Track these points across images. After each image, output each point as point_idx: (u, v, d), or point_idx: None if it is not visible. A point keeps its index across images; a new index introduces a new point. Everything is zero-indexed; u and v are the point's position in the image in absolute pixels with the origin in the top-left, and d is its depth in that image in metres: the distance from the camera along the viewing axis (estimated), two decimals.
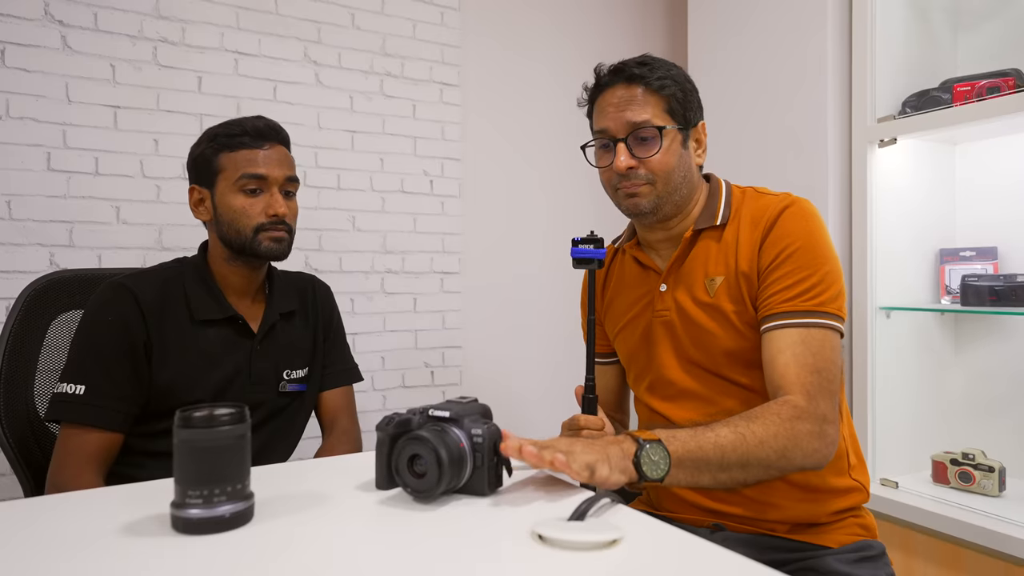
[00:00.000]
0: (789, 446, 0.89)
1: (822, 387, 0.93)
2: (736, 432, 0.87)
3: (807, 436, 0.90)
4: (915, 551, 1.68)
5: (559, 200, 2.48)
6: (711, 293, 1.04)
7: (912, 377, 1.85)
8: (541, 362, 2.46)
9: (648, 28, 2.71)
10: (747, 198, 1.08)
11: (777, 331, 0.97)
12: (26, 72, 1.67)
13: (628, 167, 1.03)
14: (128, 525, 0.68)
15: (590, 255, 1.03)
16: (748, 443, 0.87)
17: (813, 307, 0.96)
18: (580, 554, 0.62)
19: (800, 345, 0.95)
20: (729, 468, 0.87)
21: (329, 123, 2.07)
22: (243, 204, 1.17)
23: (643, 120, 1.02)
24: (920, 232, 1.88)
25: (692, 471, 0.85)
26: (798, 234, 1.00)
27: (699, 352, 1.05)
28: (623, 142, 1.03)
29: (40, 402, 1.23)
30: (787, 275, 0.98)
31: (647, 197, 1.04)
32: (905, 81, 1.85)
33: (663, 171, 1.03)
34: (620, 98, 1.04)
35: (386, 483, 0.78)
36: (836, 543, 1.01)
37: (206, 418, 0.66)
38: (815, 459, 0.91)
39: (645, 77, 1.03)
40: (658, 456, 0.82)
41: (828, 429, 0.92)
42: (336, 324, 1.39)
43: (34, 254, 1.69)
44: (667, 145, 1.03)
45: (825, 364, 0.94)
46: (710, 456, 0.85)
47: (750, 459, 0.87)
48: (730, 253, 1.04)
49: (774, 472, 0.90)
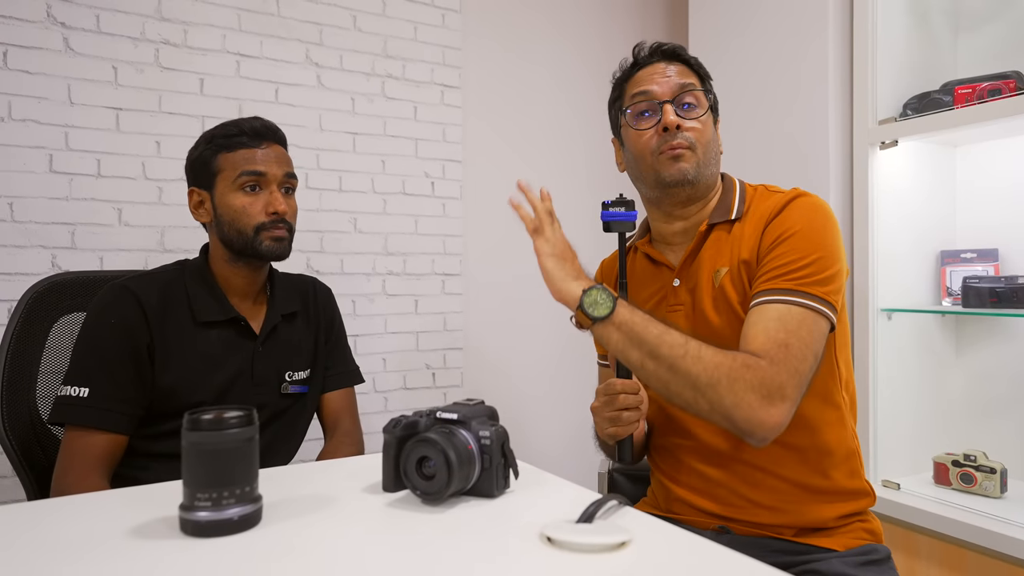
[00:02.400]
0: (724, 383, 0.85)
1: (787, 360, 0.88)
2: (684, 338, 0.89)
3: (748, 387, 0.85)
4: (917, 553, 1.68)
5: (559, 201, 2.46)
6: (716, 284, 1.04)
7: (913, 379, 1.86)
8: (542, 363, 2.46)
9: (648, 31, 2.71)
10: (758, 195, 1.09)
11: (757, 307, 0.95)
12: (28, 74, 1.67)
13: (677, 123, 1.04)
14: (137, 528, 0.68)
15: (622, 218, 1.02)
16: (688, 352, 0.87)
17: (797, 286, 0.94)
18: (589, 556, 0.62)
19: (775, 321, 0.91)
20: (658, 359, 0.88)
21: (331, 125, 2.07)
22: (243, 203, 1.17)
23: (690, 83, 1.06)
24: (921, 234, 1.88)
25: (625, 339, 0.90)
26: (797, 220, 0.99)
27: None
28: (669, 103, 1.05)
29: (42, 404, 1.23)
30: (780, 256, 0.97)
31: (690, 161, 1.04)
32: (906, 83, 1.86)
33: (703, 138, 1.06)
34: (663, 69, 1.08)
35: (393, 485, 0.78)
36: (842, 546, 1.00)
37: (214, 421, 0.66)
38: (744, 413, 0.85)
39: (687, 59, 1.09)
40: (604, 300, 0.89)
41: (778, 401, 0.85)
42: (338, 326, 1.40)
43: (36, 256, 1.68)
44: (707, 117, 1.07)
45: (797, 342, 0.89)
46: (648, 337, 0.89)
47: (679, 366, 0.87)
48: (736, 244, 1.04)
49: (701, 400, 0.87)
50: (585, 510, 0.69)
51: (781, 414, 0.86)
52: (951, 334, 1.91)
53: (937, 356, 1.89)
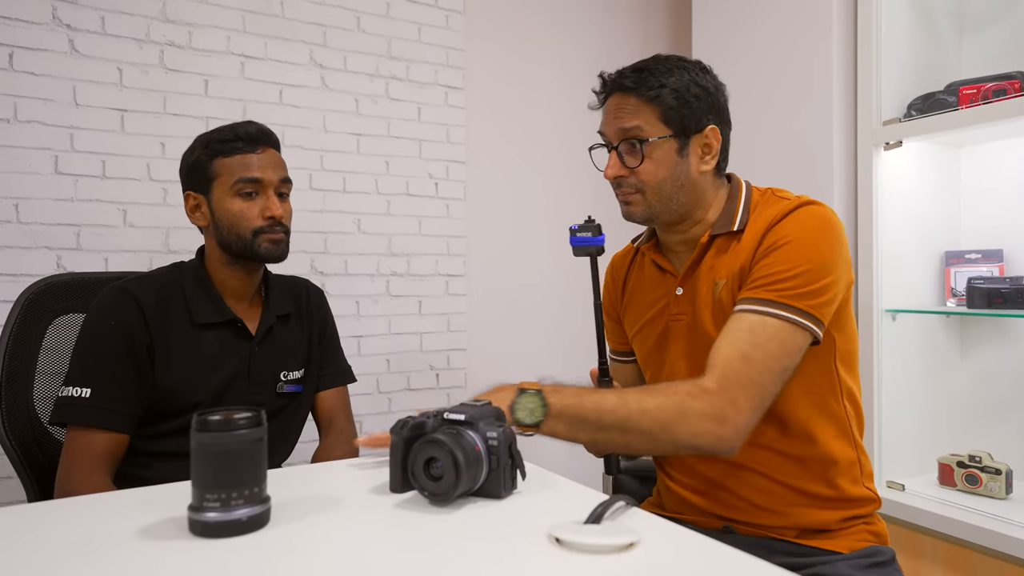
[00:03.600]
0: (674, 420, 0.87)
1: (744, 375, 0.88)
2: (620, 397, 0.90)
3: (698, 416, 0.87)
4: (921, 554, 1.68)
5: (563, 202, 2.48)
6: (716, 295, 1.03)
7: (918, 379, 1.85)
8: (546, 364, 2.45)
9: (651, 32, 2.71)
10: (764, 201, 1.06)
11: (736, 315, 0.94)
12: (34, 76, 1.68)
13: (616, 176, 1.03)
14: (145, 528, 0.68)
15: (590, 243, 1.02)
16: (629, 409, 0.88)
17: (779, 298, 0.92)
18: (597, 557, 0.62)
19: (745, 332, 0.91)
20: (607, 430, 0.89)
21: (335, 126, 2.07)
22: (240, 208, 1.18)
23: (631, 127, 1.01)
24: (925, 235, 1.88)
25: (570, 426, 0.89)
26: (794, 230, 0.97)
27: (706, 357, 1.03)
28: (615, 150, 1.03)
29: (40, 405, 1.23)
30: (769, 265, 0.96)
31: (638, 206, 1.04)
32: (910, 84, 1.85)
33: (651, 181, 1.02)
34: (616, 106, 1.04)
35: (401, 486, 0.78)
36: (846, 548, 1.00)
37: (223, 422, 0.66)
38: (707, 440, 0.87)
39: (637, 87, 1.01)
40: (534, 404, 0.88)
41: (732, 415, 0.87)
42: (330, 327, 1.41)
43: (41, 257, 1.69)
44: (656, 155, 1.02)
45: (760, 355, 0.89)
46: (588, 415, 0.89)
47: (629, 425, 0.88)
48: (735, 255, 1.03)
49: (664, 444, 0.90)
50: (593, 511, 0.69)
51: (738, 427, 0.88)
52: (955, 335, 1.90)
53: (942, 357, 1.89)
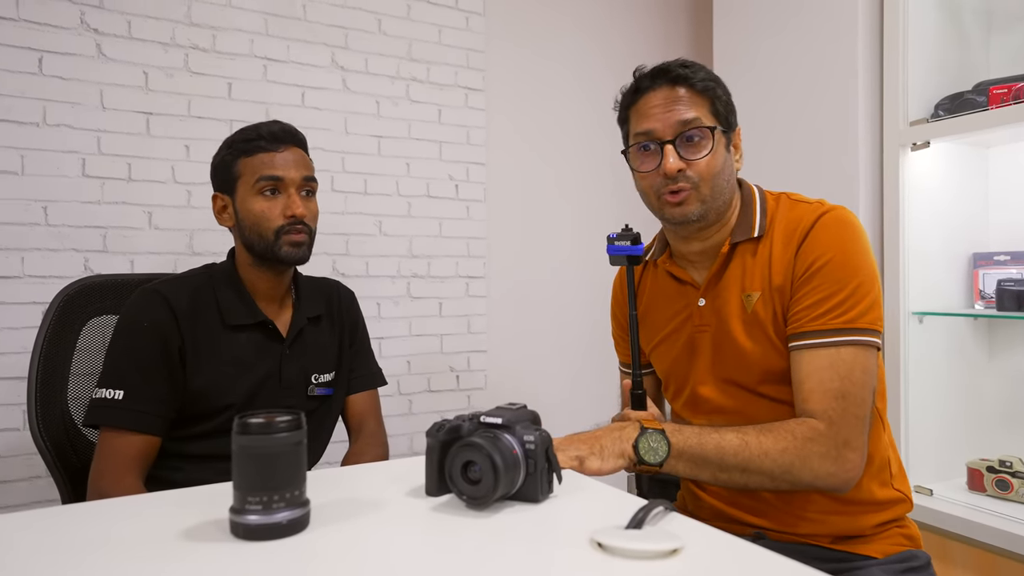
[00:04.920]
0: (797, 464, 0.90)
1: (847, 412, 0.91)
2: (741, 439, 0.91)
3: (819, 458, 0.90)
4: (950, 560, 1.66)
5: (583, 204, 2.48)
6: (748, 309, 1.01)
7: (946, 383, 1.83)
8: (565, 366, 2.45)
9: (671, 30, 2.70)
10: (781, 207, 1.04)
11: (805, 351, 0.95)
12: (62, 80, 1.70)
13: (679, 169, 0.98)
14: (187, 530, 0.69)
15: (628, 252, 1.02)
16: (751, 451, 0.90)
17: (842, 324, 0.93)
18: (641, 563, 0.61)
19: (828, 370, 0.93)
20: (729, 470, 0.91)
21: (356, 128, 2.08)
22: (262, 207, 1.18)
23: (691, 118, 0.99)
24: (953, 236, 1.86)
25: (691, 465, 0.92)
26: (829, 245, 0.96)
27: (736, 369, 1.03)
28: (671, 144, 0.99)
29: (73, 405, 1.24)
30: (815, 289, 0.95)
31: (693, 204, 1.00)
32: (937, 84, 1.83)
33: (711, 174, 0.99)
34: (666, 98, 1.00)
35: (436, 489, 0.78)
36: (880, 553, 0.99)
37: (264, 425, 0.67)
38: (829, 482, 0.91)
39: (689, 78, 1.00)
40: (657, 443, 0.90)
41: (848, 455, 0.91)
42: (361, 329, 1.41)
43: (69, 259, 1.70)
44: (715, 148, 1.00)
45: (853, 388, 0.92)
46: (710, 455, 0.91)
47: (750, 467, 0.91)
48: (765, 268, 1.01)
49: (782, 484, 0.92)
50: (634, 516, 0.68)
51: (854, 464, 0.92)
52: (984, 338, 1.88)
53: (969, 360, 1.86)
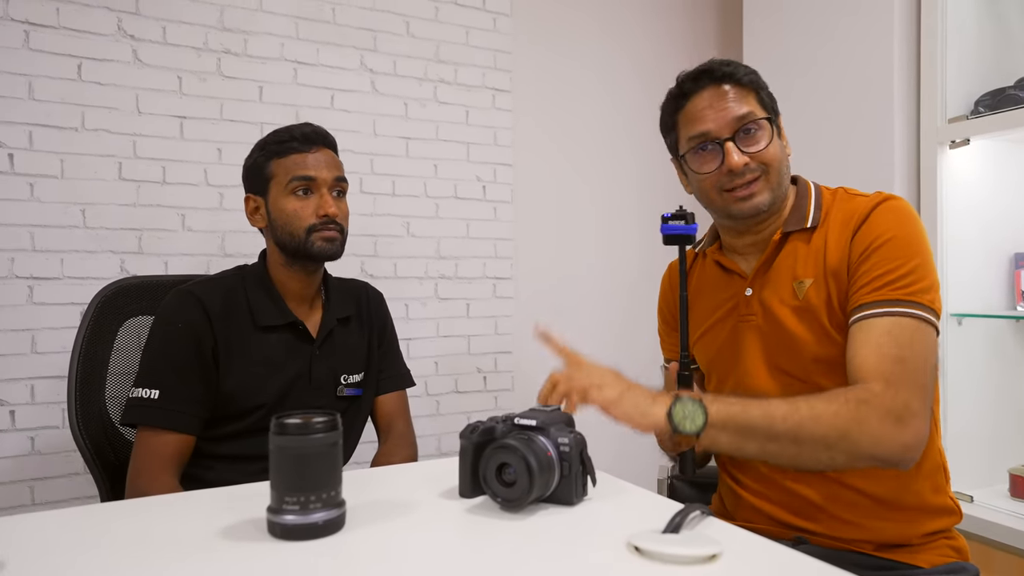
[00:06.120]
0: (853, 428, 0.81)
1: (906, 376, 0.85)
2: (791, 403, 0.84)
3: (877, 420, 0.82)
4: (992, 568, 1.61)
5: (610, 204, 2.46)
6: (799, 296, 1.00)
7: (986, 387, 1.78)
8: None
9: (699, 31, 2.67)
10: (837, 200, 1.04)
11: (863, 322, 0.91)
12: (100, 85, 1.73)
13: (745, 162, 0.99)
14: (225, 529, 0.69)
15: (683, 231, 1.00)
16: (802, 414, 0.82)
17: (903, 296, 0.90)
18: (679, 568, 0.60)
19: (886, 335, 0.88)
20: (779, 439, 0.82)
21: (384, 130, 2.09)
22: (295, 207, 1.20)
23: (747, 112, 1.00)
24: (994, 236, 1.81)
25: (736, 435, 0.82)
26: (888, 226, 0.95)
27: (787, 358, 1.01)
28: (730, 141, 0.99)
29: (111, 404, 1.26)
30: (876, 265, 0.93)
31: (762, 195, 1.00)
32: (976, 80, 1.78)
33: (775, 161, 1.01)
34: (713, 97, 1.01)
35: (470, 491, 0.78)
36: (927, 563, 0.96)
37: (301, 425, 0.67)
38: (889, 448, 0.83)
39: (733, 74, 1.01)
40: (693, 410, 0.81)
41: (909, 419, 0.83)
42: (390, 330, 1.41)
43: (106, 261, 1.74)
44: (772, 136, 1.01)
45: (912, 354, 0.86)
46: (756, 422, 0.82)
47: (803, 433, 0.82)
48: (819, 254, 1.00)
49: (839, 457, 0.83)
50: (671, 520, 0.67)
51: (917, 431, 0.84)
52: None
53: (1011, 363, 1.81)
